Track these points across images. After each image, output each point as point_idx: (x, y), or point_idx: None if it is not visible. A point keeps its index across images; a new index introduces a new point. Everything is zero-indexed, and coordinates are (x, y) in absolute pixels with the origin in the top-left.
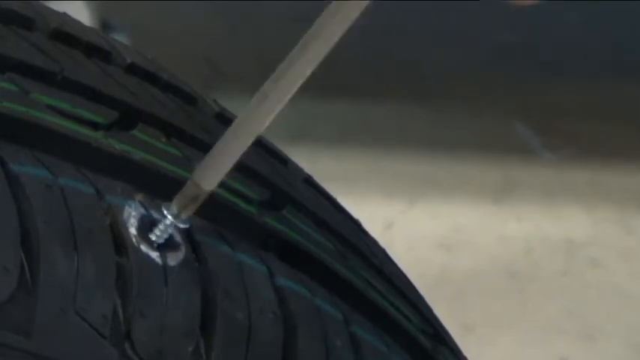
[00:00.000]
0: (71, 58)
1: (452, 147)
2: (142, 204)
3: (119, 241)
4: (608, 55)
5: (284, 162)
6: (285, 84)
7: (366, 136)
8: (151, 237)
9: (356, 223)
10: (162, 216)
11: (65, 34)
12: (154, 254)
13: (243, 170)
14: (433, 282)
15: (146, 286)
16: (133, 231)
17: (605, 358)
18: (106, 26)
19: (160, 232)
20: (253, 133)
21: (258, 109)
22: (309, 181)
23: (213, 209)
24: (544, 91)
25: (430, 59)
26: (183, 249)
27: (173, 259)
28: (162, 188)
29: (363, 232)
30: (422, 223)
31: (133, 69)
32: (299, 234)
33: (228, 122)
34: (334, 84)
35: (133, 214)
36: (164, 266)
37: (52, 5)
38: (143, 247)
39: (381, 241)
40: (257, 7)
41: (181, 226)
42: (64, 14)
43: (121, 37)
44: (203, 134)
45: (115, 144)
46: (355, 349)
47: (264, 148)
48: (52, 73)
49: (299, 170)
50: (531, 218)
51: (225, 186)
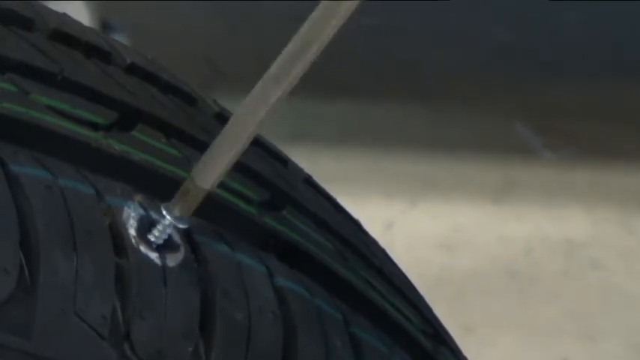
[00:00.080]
0: (71, 58)
1: (452, 147)
2: (141, 205)
3: (118, 242)
4: (608, 55)
5: (284, 162)
6: (281, 80)
7: (366, 136)
8: (150, 238)
9: (356, 224)
10: (162, 216)
11: (65, 35)
12: (154, 255)
13: (243, 170)
14: (433, 282)
15: (145, 286)
16: (132, 232)
17: (605, 359)
18: (105, 26)
19: (159, 232)
20: (250, 130)
21: (254, 107)
22: (309, 181)
23: (213, 209)
24: (544, 91)
25: (430, 59)
26: (182, 249)
27: (172, 260)
28: (161, 189)
29: (363, 233)
30: (422, 223)
31: (132, 69)
32: (299, 234)
33: None
34: (334, 84)
35: (133, 214)
36: (163, 267)
37: (52, 5)
38: (142, 248)
39: (381, 242)
40: (257, 7)
41: (180, 226)
42: (64, 14)
43: (120, 38)
44: (203, 134)
45: (115, 144)
46: (355, 349)
47: (264, 148)
48: (52, 74)
49: (299, 170)
50: (531, 218)
51: (224, 186)
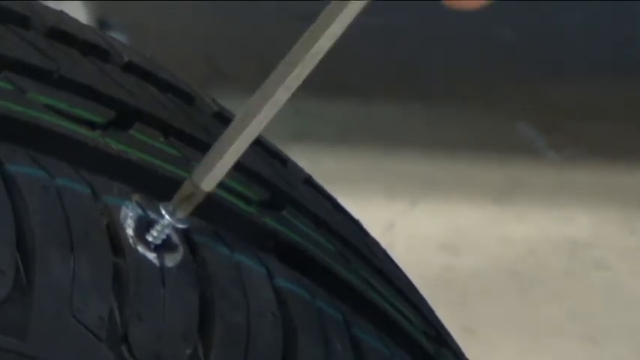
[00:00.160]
0: (68, 56)
1: (453, 147)
2: (139, 204)
3: (116, 242)
4: (608, 55)
5: (284, 162)
6: (285, 83)
7: (366, 136)
8: (148, 238)
9: (356, 224)
10: (160, 216)
11: (62, 33)
12: (151, 255)
13: (243, 170)
14: (434, 283)
15: (143, 287)
16: (129, 232)
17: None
18: (104, 26)
19: (158, 232)
20: (252, 133)
21: (257, 109)
22: (309, 181)
23: (212, 209)
24: (544, 91)
25: (430, 59)
26: (180, 250)
27: (171, 260)
28: (159, 188)
29: (364, 233)
30: (423, 223)
31: (130, 68)
32: (299, 235)
33: (227, 122)
34: (334, 84)
35: (130, 214)
36: (161, 267)
37: (49, 4)
38: (140, 248)
39: (382, 242)
40: (257, 7)
41: (179, 226)
42: (61, 12)
43: (119, 37)
44: (202, 134)
45: (112, 143)
46: (356, 351)
47: (264, 148)
48: (49, 72)
49: (299, 170)
50: (534, 219)
51: (224, 186)
